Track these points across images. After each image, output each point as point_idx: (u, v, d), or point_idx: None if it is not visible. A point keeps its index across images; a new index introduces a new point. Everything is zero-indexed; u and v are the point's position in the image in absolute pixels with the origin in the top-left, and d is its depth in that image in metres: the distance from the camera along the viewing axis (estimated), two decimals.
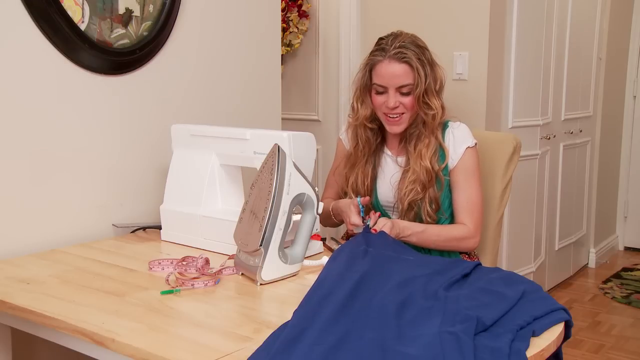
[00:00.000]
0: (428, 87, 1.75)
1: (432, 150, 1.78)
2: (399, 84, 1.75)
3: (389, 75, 1.75)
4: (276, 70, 2.43)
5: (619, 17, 4.29)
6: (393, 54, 1.74)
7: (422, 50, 1.77)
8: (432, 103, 1.77)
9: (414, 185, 1.77)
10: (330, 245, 1.72)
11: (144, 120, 1.95)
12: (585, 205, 4.18)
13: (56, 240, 1.74)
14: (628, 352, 2.93)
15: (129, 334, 1.12)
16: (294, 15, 3.44)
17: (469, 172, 1.80)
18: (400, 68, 1.74)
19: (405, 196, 1.78)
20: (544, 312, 1.19)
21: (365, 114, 1.84)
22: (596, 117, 4.19)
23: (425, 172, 1.77)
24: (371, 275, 1.31)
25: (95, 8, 1.78)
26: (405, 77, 1.75)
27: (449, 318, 1.12)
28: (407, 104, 1.77)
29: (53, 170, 1.73)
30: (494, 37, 2.95)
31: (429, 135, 1.79)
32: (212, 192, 1.74)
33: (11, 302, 1.29)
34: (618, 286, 3.86)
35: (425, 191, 1.77)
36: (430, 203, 1.78)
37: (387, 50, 1.75)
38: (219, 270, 1.46)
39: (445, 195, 1.81)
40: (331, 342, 1.04)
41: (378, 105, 1.80)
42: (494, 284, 1.32)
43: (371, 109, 1.83)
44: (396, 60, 1.74)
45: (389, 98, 1.76)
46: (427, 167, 1.77)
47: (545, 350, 1.10)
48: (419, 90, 1.74)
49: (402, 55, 1.73)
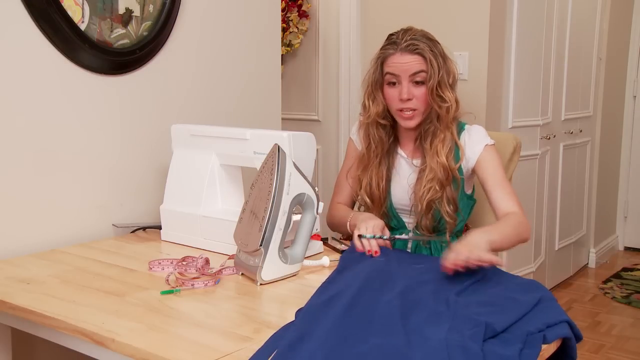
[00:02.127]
0: (441, 80, 1.71)
1: (447, 146, 1.73)
2: (413, 71, 1.70)
3: (402, 66, 1.70)
4: (276, 70, 2.43)
5: (619, 17, 4.29)
6: (405, 46, 1.70)
7: (434, 43, 1.74)
8: (446, 96, 1.72)
9: (432, 184, 1.72)
10: (334, 245, 1.72)
11: (144, 120, 1.95)
12: (585, 205, 4.18)
13: (56, 240, 1.74)
14: (628, 352, 2.93)
15: (129, 334, 1.12)
16: (294, 15, 3.44)
17: (495, 165, 1.73)
18: (413, 58, 1.70)
19: (424, 196, 1.72)
20: (556, 321, 1.18)
21: (377, 111, 1.77)
22: (596, 117, 4.19)
23: (442, 170, 1.72)
24: (378, 280, 1.31)
25: (95, 8, 1.78)
26: (419, 67, 1.70)
27: (457, 324, 1.11)
28: (420, 97, 1.71)
29: (53, 170, 1.73)
30: (494, 37, 2.95)
31: (444, 131, 1.74)
32: (212, 192, 1.73)
33: (11, 302, 1.29)
34: (618, 286, 3.86)
35: (443, 190, 1.72)
36: (449, 203, 1.73)
37: (399, 43, 1.71)
38: (219, 270, 1.46)
39: (461, 196, 1.77)
40: (334, 346, 1.03)
41: (390, 99, 1.74)
42: (511, 289, 1.31)
43: (383, 105, 1.77)
44: (408, 52, 1.70)
45: (402, 89, 1.71)
46: (444, 164, 1.72)
47: (545, 350, 1.10)
48: (433, 82, 1.70)
49: (414, 46, 1.70)
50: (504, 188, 1.71)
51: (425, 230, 1.78)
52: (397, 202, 1.82)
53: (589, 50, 3.95)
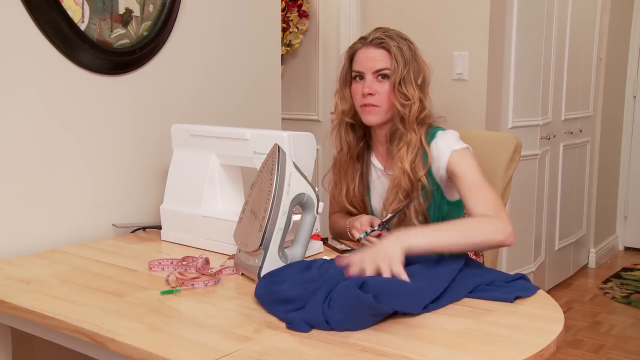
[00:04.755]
0: (407, 76, 1.66)
1: (413, 151, 1.65)
2: (376, 67, 1.67)
3: (366, 60, 1.68)
4: (276, 70, 2.43)
5: (619, 17, 4.29)
6: (371, 40, 1.69)
7: (405, 41, 1.70)
8: (409, 93, 1.65)
9: (397, 195, 1.65)
10: (334, 245, 1.72)
11: (144, 120, 1.95)
12: (585, 205, 4.18)
13: (56, 240, 1.74)
14: (628, 352, 2.93)
15: (129, 334, 1.12)
16: (294, 15, 3.44)
17: (464, 170, 1.59)
18: (377, 53, 1.68)
19: (389, 204, 1.67)
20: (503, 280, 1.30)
21: (344, 109, 1.75)
22: (596, 117, 4.19)
23: (406, 179, 1.64)
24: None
25: (95, 8, 1.78)
26: (383, 61, 1.67)
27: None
28: (383, 93, 1.66)
29: (53, 170, 1.73)
30: (494, 37, 2.95)
31: (409, 132, 1.66)
32: (212, 192, 1.73)
33: (11, 302, 1.29)
34: (618, 286, 3.86)
35: (409, 200, 1.65)
36: (417, 215, 1.66)
37: (367, 38, 1.71)
38: (219, 270, 1.46)
39: (434, 209, 1.70)
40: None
41: (355, 94, 1.71)
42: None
43: (350, 103, 1.74)
44: (374, 46, 1.69)
45: (364, 83, 1.68)
46: (407, 172, 1.64)
47: (545, 350, 1.10)
48: (395, 77, 1.65)
49: (379, 40, 1.68)
50: (477, 192, 1.55)
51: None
52: (377, 213, 1.79)
53: (589, 50, 3.95)
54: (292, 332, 1.13)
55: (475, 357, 1.05)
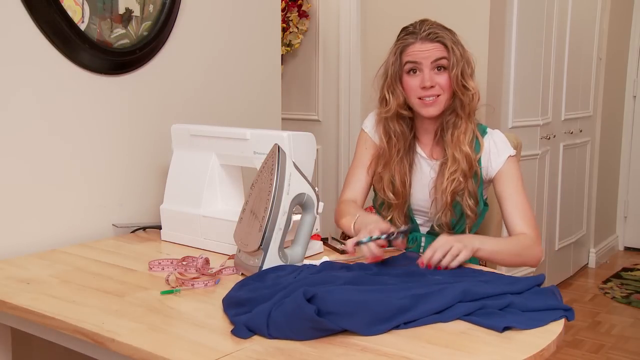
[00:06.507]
0: (464, 68, 1.69)
1: (469, 136, 1.70)
2: (435, 57, 1.66)
3: (422, 53, 1.67)
4: (276, 70, 2.43)
5: (619, 17, 4.29)
6: (425, 35, 1.67)
7: (452, 32, 1.72)
8: (469, 84, 1.69)
9: (456, 175, 1.68)
10: (334, 245, 1.72)
11: (144, 120, 1.95)
12: (585, 205, 4.18)
13: (56, 240, 1.74)
14: (628, 352, 2.93)
15: (129, 334, 1.12)
16: (294, 15, 3.44)
17: (515, 179, 1.70)
18: (434, 46, 1.67)
19: (447, 188, 1.68)
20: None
21: (399, 102, 1.72)
22: (596, 117, 4.19)
23: (465, 160, 1.68)
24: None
25: (95, 8, 1.78)
26: (440, 53, 1.67)
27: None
28: (443, 84, 1.67)
29: (53, 170, 1.73)
30: (494, 37, 2.95)
31: (466, 121, 1.70)
32: (212, 192, 1.73)
33: (11, 302, 1.29)
34: (618, 286, 3.86)
35: (466, 181, 1.68)
36: (470, 196, 1.69)
37: (418, 32, 1.69)
38: (219, 270, 1.46)
39: (481, 191, 1.73)
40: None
41: (411, 89, 1.69)
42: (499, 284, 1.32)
43: (403, 97, 1.72)
44: (429, 41, 1.67)
45: (423, 76, 1.67)
46: (467, 154, 1.68)
47: (545, 350, 1.10)
48: (457, 71, 1.66)
49: (435, 35, 1.67)
50: (522, 211, 1.67)
51: (445, 228, 1.72)
52: (415, 202, 1.78)
53: (589, 50, 3.95)
54: None
55: (475, 357, 1.05)
